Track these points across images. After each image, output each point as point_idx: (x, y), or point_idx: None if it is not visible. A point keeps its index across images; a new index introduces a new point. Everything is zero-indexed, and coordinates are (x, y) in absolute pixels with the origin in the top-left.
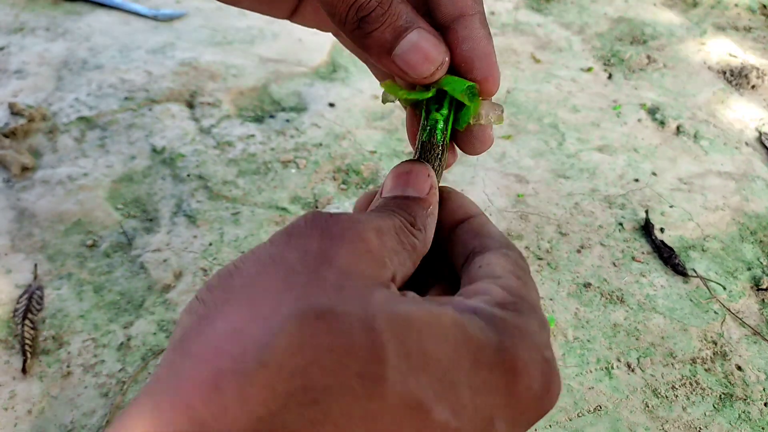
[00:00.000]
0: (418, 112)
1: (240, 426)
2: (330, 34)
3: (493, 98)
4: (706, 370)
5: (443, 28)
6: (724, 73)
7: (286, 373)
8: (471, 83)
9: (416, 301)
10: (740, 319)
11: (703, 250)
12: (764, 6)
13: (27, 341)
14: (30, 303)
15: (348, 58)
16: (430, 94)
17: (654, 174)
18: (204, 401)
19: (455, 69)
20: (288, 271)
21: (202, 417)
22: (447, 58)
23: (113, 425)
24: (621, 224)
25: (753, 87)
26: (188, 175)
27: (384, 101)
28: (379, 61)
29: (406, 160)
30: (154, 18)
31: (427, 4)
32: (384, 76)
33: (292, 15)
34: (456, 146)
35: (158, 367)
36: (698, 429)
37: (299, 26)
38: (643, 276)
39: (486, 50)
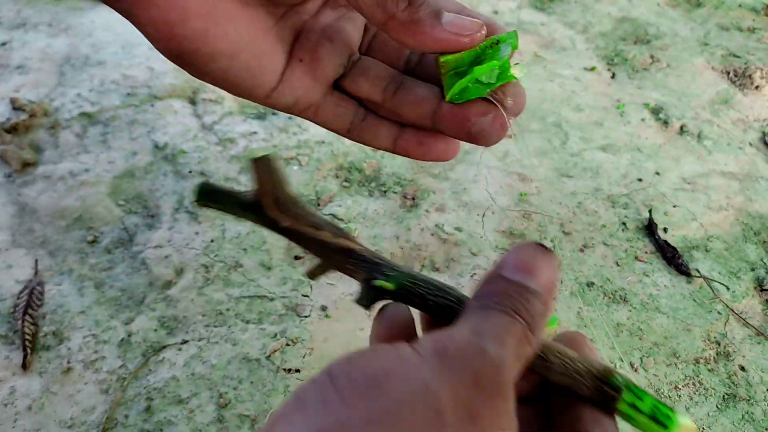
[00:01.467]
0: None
1: None
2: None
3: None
4: (709, 370)
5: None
6: (728, 73)
7: None
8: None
9: None
10: (743, 319)
11: (706, 250)
12: None
13: (27, 337)
14: (30, 299)
15: None
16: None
17: (657, 173)
18: None
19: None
20: (437, 415)
21: None
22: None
23: None
24: (624, 224)
25: (757, 87)
26: (190, 172)
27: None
28: (432, 32)
29: (534, 243)
30: None
31: None
32: (387, 135)
33: (268, 98)
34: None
35: None
36: (701, 429)
37: None
38: (647, 276)
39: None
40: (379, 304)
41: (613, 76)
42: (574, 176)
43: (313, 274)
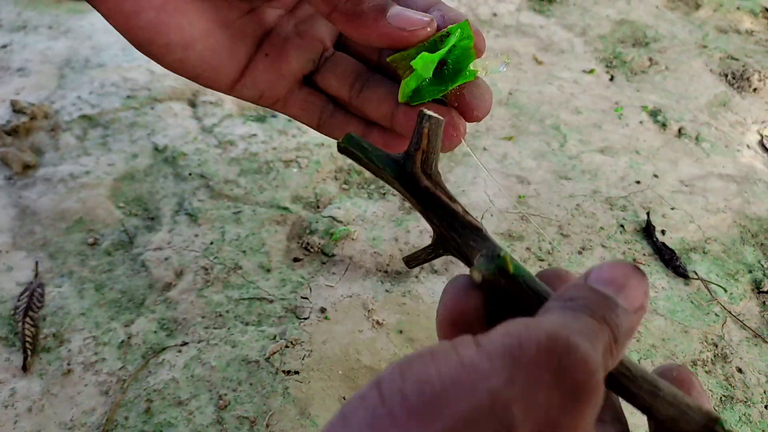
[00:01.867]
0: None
1: None
2: None
3: (497, 99)
4: (706, 372)
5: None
6: (726, 75)
7: None
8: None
9: None
10: (741, 321)
11: (704, 252)
12: (766, 9)
13: (27, 339)
14: (31, 301)
15: None
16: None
17: (655, 176)
18: None
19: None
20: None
21: None
22: (434, 19)
23: None
24: (622, 226)
25: (755, 90)
26: (190, 174)
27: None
28: (376, 25)
29: (630, 264)
30: None
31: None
32: (355, 130)
33: (232, 90)
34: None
35: None
36: None
37: None
38: None
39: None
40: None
41: (611, 79)
42: (572, 178)
43: (413, 261)
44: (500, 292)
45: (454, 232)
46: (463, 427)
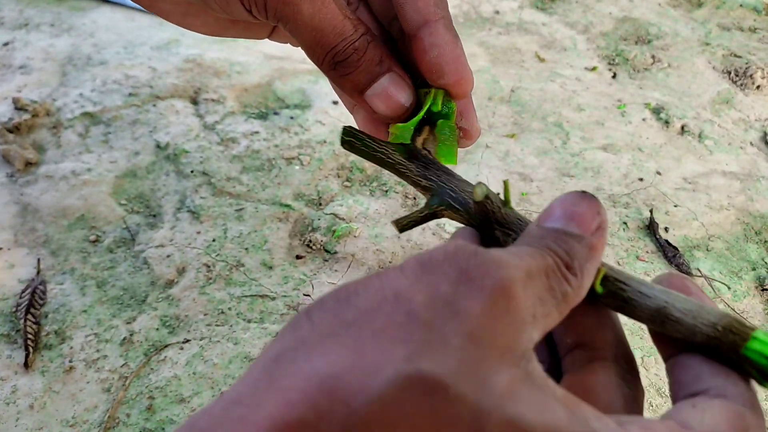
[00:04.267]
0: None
1: None
2: None
3: (499, 96)
4: None
5: (410, 36)
6: (729, 73)
7: None
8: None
9: (546, 404)
10: (744, 318)
11: (707, 249)
12: None
13: (29, 336)
14: (33, 298)
15: None
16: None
17: (658, 173)
18: None
19: (426, 77)
20: (409, 316)
21: None
22: (413, 100)
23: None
24: (625, 223)
25: (758, 87)
26: (192, 171)
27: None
28: (351, 98)
29: (577, 191)
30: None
31: (394, 13)
32: (350, 108)
33: (270, 36)
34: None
35: (247, 374)
36: None
37: None
38: (648, 275)
39: (454, 54)
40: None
41: (614, 76)
42: (575, 176)
43: (404, 222)
44: (494, 231)
45: (451, 183)
46: (366, 314)
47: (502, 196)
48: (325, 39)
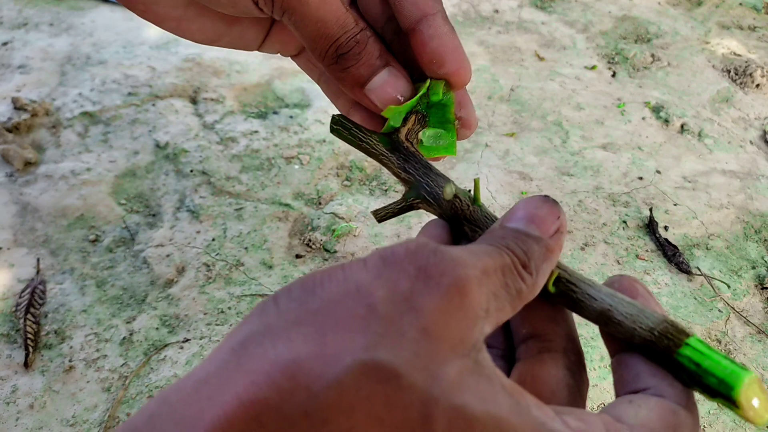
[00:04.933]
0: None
1: None
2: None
3: (499, 95)
4: None
5: (408, 30)
6: (729, 71)
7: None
8: (437, 83)
9: (491, 393)
10: (744, 317)
11: (707, 248)
12: None
13: (29, 336)
14: (32, 297)
15: None
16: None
17: (658, 172)
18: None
19: (427, 67)
20: (368, 309)
21: None
22: (411, 93)
23: (145, 405)
24: (625, 222)
25: (757, 86)
26: (191, 171)
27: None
28: (352, 92)
29: (540, 196)
30: None
31: (390, 10)
32: (344, 103)
33: (261, 45)
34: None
35: (215, 355)
36: (702, 427)
37: None
38: (647, 274)
39: (453, 44)
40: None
41: (613, 75)
42: (574, 175)
43: (382, 213)
44: (463, 228)
45: (428, 177)
46: (327, 306)
47: (473, 194)
48: (329, 30)
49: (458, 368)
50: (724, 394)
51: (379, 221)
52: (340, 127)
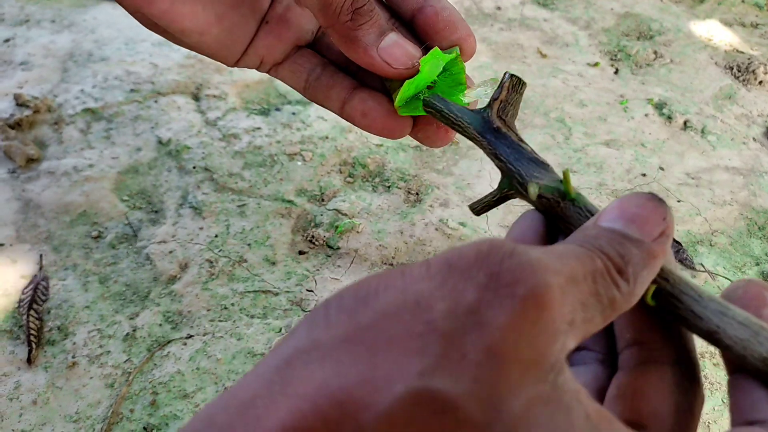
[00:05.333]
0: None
1: None
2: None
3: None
4: (714, 364)
5: (416, 10)
6: (731, 68)
7: None
8: (454, 49)
9: (566, 426)
10: None
11: (710, 244)
12: None
13: (32, 332)
14: (35, 293)
15: None
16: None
17: (661, 169)
18: None
19: (440, 36)
20: (427, 326)
21: None
22: (419, 56)
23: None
24: None
25: (760, 83)
26: (194, 167)
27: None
28: (365, 53)
29: (644, 193)
30: None
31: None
32: (335, 102)
33: (244, 53)
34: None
35: (260, 370)
36: (707, 424)
37: None
38: None
39: (459, 15)
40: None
41: (616, 72)
42: (577, 171)
43: (478, 206)
44: (558, 223)
45: (519, 164)
46: (383, 320)
47: (562, 188)
48: None
49: (528, 399)
50: None
51: (477, 215)
52: (431, 108)
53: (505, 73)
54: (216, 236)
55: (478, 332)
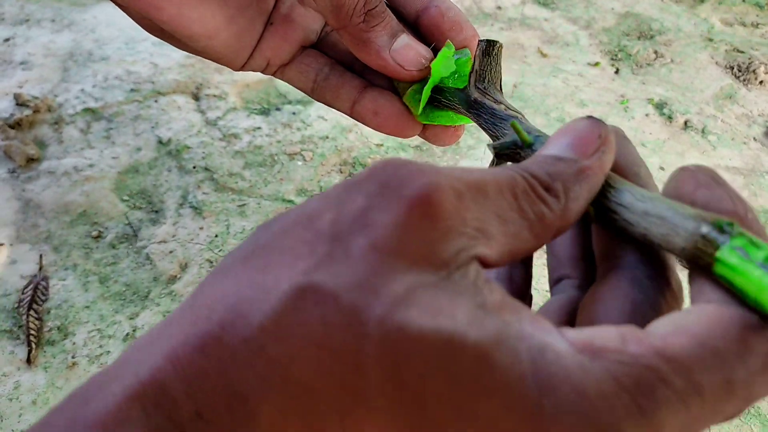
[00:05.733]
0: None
1: (208, 400)
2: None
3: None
4: None
5: (421, 11)
6: (732, 68)
7: (265, 359)
8: (465, 50)
9: (450, 308)
10: None
11: None
12: None
13: (32, 332)
14: (35, 293)
15: None
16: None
17: (662, 168)
18: (182, 366)
19: (447, 36)
20: (315, 234)
21: (169, 382)
22: (430, 56)
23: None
24: None
25: (761, 82)
26: (194, 167)
27: None
28: (378, 55)
29: (581, 117)
30: None
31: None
32: (344, 103)
33: (251, 55)
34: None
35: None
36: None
37: None
38: None
39: (464, 16)
40: None
41: (616, 72)
42: None
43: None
44: None
45: (495, 128)
46: (279, 236)
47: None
48: None
49: (409, 283)
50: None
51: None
52: (433, 104)
53: (479, 41)
54: (216, 236)
55: (364, 232)
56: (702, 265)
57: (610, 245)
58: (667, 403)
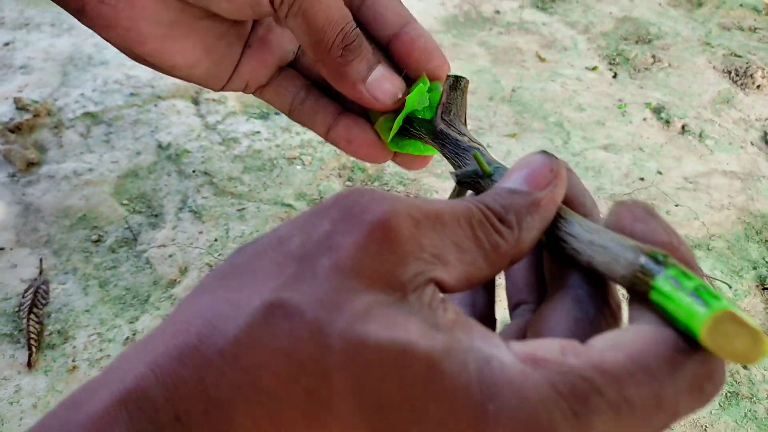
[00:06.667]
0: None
1: (186, 405)
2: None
3: (500, 96)
4: None
5: (392, 37)
6: (729, 72)
7: (238, 368)
8: (436, 83)
9: (404, 322)
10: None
11: (708, 249)
12: None
13: (32, 336)
14: (35, 297)
15: None
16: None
17: (659, 173)
18: (163, 374)
19: (416, 65)
20: (285, 256)
21: (151, 389)
22: (404, 88)
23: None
24: None
25: (758, 87)
26: (194, 171)
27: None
28: (353, 90)
29: (536, 152)
30: None
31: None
32: (320, 126)
33: (230, 78)
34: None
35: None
36: (704, 427)
37: None
38: None
39: (435, 43)
40: None
41: (614, 76)
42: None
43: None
44: None
45: (458, 158)
46: (252, 258)
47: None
48: (338, 19)
49: (369, 301)
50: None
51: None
52: (408, 135)
53: (447, 77)
54: (216, 240)
55: (328, 254)
56: (639, 291)
57: (559, 269)
58: (599, 411)
